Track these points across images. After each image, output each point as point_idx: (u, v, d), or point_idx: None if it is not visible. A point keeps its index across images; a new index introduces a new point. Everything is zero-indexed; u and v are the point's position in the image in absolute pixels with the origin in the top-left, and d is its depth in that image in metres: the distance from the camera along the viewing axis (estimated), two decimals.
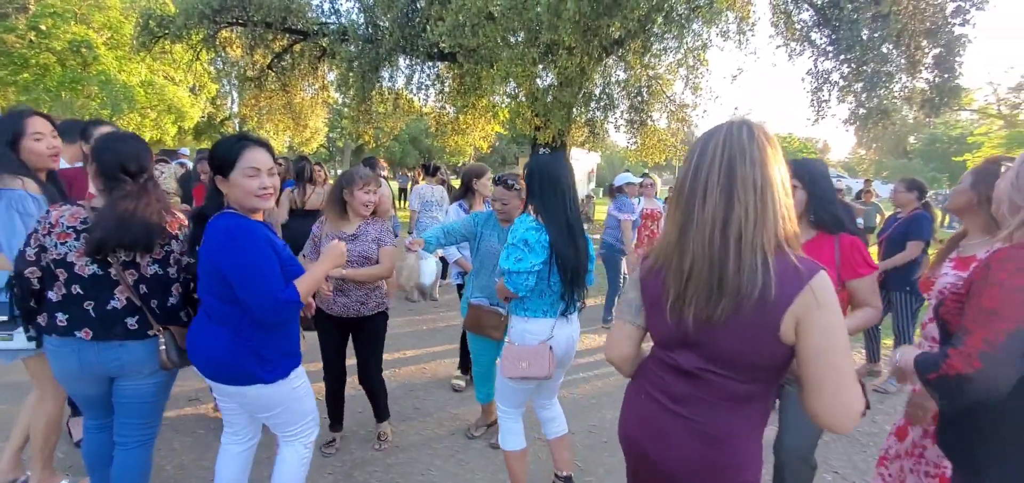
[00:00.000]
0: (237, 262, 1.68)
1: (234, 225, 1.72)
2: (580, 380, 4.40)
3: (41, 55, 18.13)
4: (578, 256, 2.25)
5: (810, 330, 1.07)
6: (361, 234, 2.81)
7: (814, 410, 1.10)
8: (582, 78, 8.90)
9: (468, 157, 22.17)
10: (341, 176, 2.86)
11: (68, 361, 1.88)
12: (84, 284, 1.84)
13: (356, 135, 14.02)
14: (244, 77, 14.83)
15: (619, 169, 36.02)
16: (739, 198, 1.09)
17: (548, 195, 2.21)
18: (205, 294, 1.82)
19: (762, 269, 1.08)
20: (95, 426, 2.11)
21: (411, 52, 11.20)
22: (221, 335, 1.78)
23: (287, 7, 11.72)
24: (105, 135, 2.01)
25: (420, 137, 32.41)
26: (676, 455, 1.23)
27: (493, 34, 8.77)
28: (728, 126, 1.17)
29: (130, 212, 1.80)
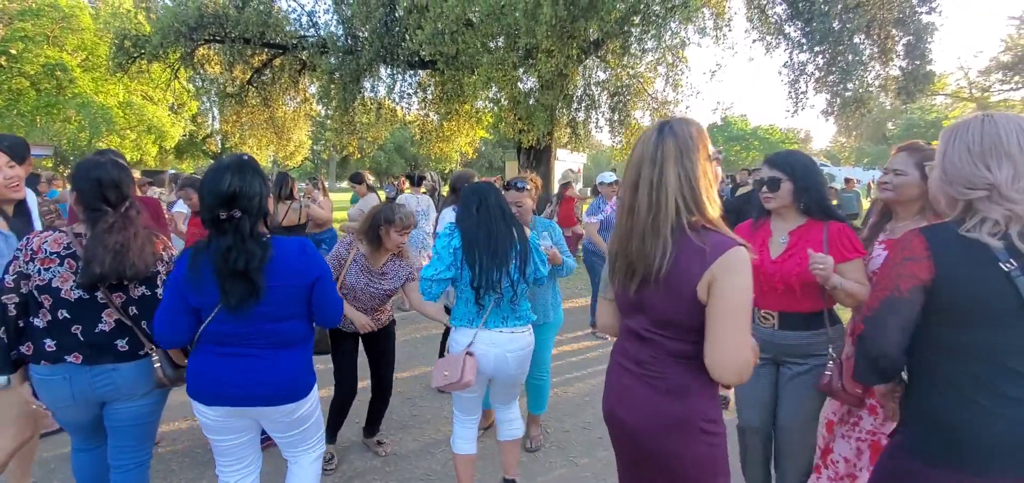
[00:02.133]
0: (326, 272, 1.83)
1: (306, 241, 1.87)
2: (574, 379, 4.46)
3: (13, 80, 17.84)
4: (495, 249, 2.22)
5: (715, 293, 1.27)
6: (389, 272, 2.93)
7: (709, 362, 1.31)
8: (562, 80, 8.99)
9: (454, 164, 22.19)
10: (384, 209, 2.87)
11: (59, 389, 1.86)
12: (71, 308, 1.84)
13: (340, 146, 13.98)
14: (224, 93, 14.70)
15: (603, 167, 36.36)
16: (642, 192, 1.34)
17: (465, 205, 2.34)
18: (279, 324, 1.76)
19: (672, 246, 1.30)
20: (86, 447, 2.09)
21: (391, 61, 11.20)
22: (293, 356, 1.82)
23: (264, 22, 11.66)
24: (83, 161, 1.96)
25: (405, 145, 32.36)
26: (642, 412, 1.41)
27: (472, 40, 8.82)
28: (648, 131, 1.41)
29: (122, 245, 1.80)
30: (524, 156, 11.24)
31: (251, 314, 1.69)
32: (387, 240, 2.83)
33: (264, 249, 1.68)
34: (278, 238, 1.77)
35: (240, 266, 1.62)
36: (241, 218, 1.65)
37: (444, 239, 2.28)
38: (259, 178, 1.73)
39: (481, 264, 2.21)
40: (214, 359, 1.75)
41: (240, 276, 1.63)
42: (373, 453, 3.23)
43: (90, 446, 2.08)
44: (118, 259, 1.79)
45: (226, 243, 1.64)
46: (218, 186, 1.66)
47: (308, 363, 1.88)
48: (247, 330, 1.72)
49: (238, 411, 1.79)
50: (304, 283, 1.76)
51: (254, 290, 1.65)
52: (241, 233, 1.65)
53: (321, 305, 1.83)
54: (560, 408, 3.88)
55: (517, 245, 2.28)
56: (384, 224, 2.81)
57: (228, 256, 1.63)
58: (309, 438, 1.99)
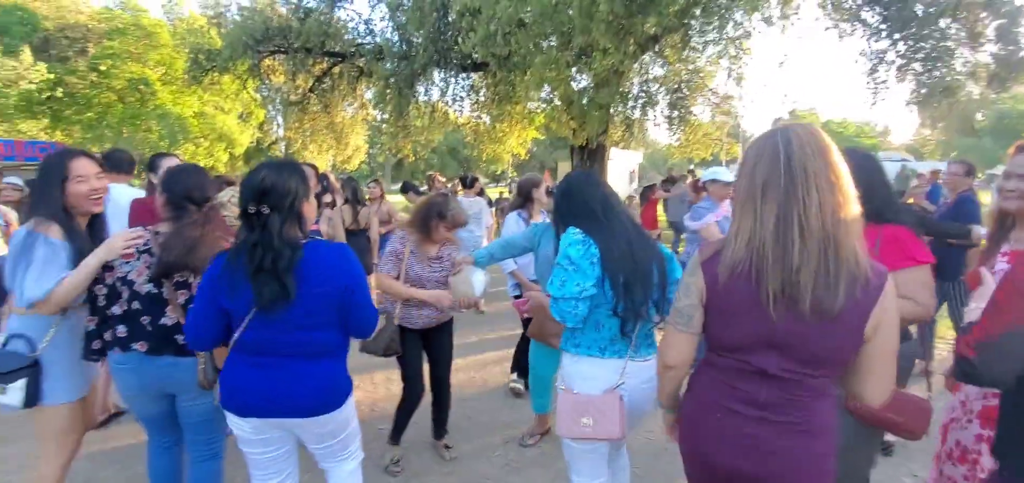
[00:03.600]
0: (359, 280, 1.74)
1: (345, 247, 1.78)
2: None
3: (103, 94, 19.46)
4: (641, 270, 1.79)
5: (883, 329, 1.19)
6: (444, 255, 2.94)
7: (860, 390, 1.26)
8: (618, 78, 8.76)
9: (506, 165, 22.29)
10: (439, 201, 2.90)
11: (129, 377, 1.98)
12: (142, 300, 1.94)
13: (396, 150, 14.32)
14: (288, 101, 15.42)
15: (662, 167, 35.20)
16: (839, 188, 1.16)
17: (576, 209, 1.90)
18: (313, 332, 1.69)
19: (856, 267, 1.17)
20: (159, 446, 2.18)
21: (444, 65, 11.35)
22: (327, 367, 1.75)
23: (325, 31, 12.10)
24: (173, 168, 2.12)
25: (458, 148, 32.87)
26: (785, 463, 1.26)
27: (525, 41, 8.76)
28: (797, 125, 1.24)
29: (196, 238, 1.90)
30: (577, 156, 11.07)
31: (283, 322, 1.63)
32: (435, 232, 2.84)
33: (293, 250, 1.61)
34: (315, 242, 1.71)
35: (266, 264, 1.57)
36: (270, 215, 1.60)
37: (578, 246, 1.76)
38: (297, 178, 1.68)
39: (629, 285, 1.77)
40: (246, 370, 1.69)
41: (269, 275, 1.58)
42: (438, 456, 3.20)
43: (163, 445, 2.17)
44: (190, 251, 1.88)
45: (253, 239, 1.60)
46: (252, 179, 1.65)
47: (343, 373, 1.82)
48: (280, 338, 1.66)
49: (272, 423, 1.74)
50: (338, 291, 1.68)
51: (284, 292, 1.58)
52: (269, 231, 1.59)
53: (355, 314, 1.74)
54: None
55: (656, 264, 1.87)
56: (436, 218, 2.83)
57: (254, 253, 1.58)
58: (348, 446, 1.94)
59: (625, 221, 1.89)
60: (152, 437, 2.17)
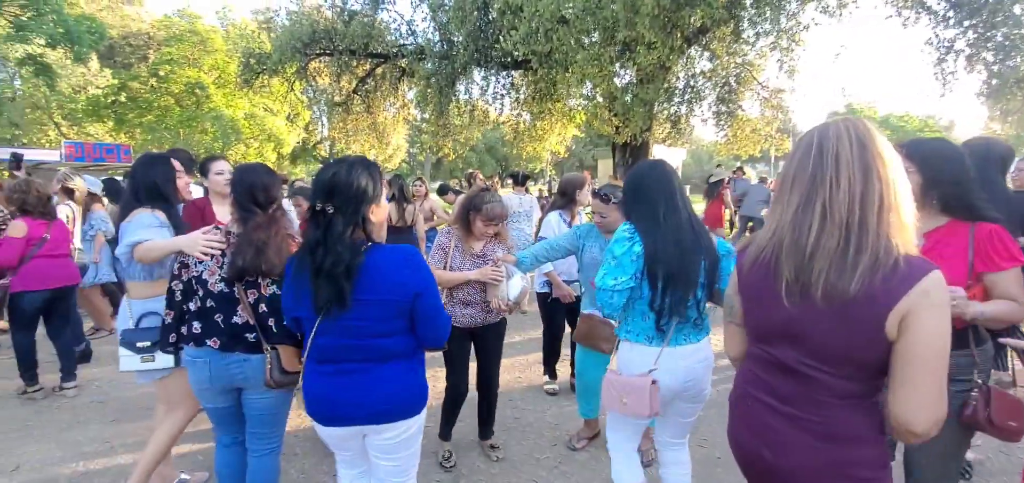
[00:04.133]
0: (429, 287, 1.66)
1: (412, 251, 1.68)
2: None
3: (162, 98, 20.52)
4: (684, 266, 1.88)
5: (912, 331, 1.05)
6: (488, 254, 2.94)
7: (898, 410, 1.09)
8: (663, 73, 8.54)
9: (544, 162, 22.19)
10: (475, 196, 2.92)
11: (201, 370, 2.05)
12: (215, 299, 2.01)
13: (437, 149, 14.48)
14: (332, 102, 15.83)
15: (707, 165, 34.18)
16: (878, 176, 1.10)
17: (640, 205, 1.97)
18: (379, 339, 1.64)
19: (884, 255, 1.07)
20: (226, 442, 2.26)
21: (485, 64, 11.36)
22: (397, 370, 1.68)
23: (368, 34, 12.34)
24: (240, 167, 2.20)
25: (496, 146, 32.98)
26: (795, 457, 1.22)
27: (566, 37, 8.67)
28: (845, 119, 1.19)
29: (263, 241, 1.93)
30: (619, 153, 10.87)
31: (344, 327, 1.59)
32: (474, 226, 2.85)
33: (353, 254, 1.55)
34: (381, 247, 1.64)
35: (326, 266, 1.53)
36: (335, 215, 1.56)
37: (623, 244, 1.92)
38: (366, 177, 1.61)
39: (665, 284, 1.88)
40: (319, 379, 1.69)
41: (327, 278, 1.54)
42: (486, 456, 3.20)
43: (230, 441, 2.25)
44: (259, 255, 1.92)
45: (315, 237, 1.57)
46: (321, 176, 1.64)
47: (410, 380, 1.73)
48: (344, 343, 1.62)
49: (353, 431, 1.71)
50: (404, 298, 1.60)
51: (340, 296, 1.54)
52: (332, 231, 1.55)
53: (423, 322, 1.67)
54: None
55: (705, 262, 1.95)
56: (472, 212, 2.84)
57: (316, 253, 1.55)
58: (414, 462, 1.85)
59: (682, 219, 1.94)
60: (219, 433, 2.25)
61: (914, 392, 1.06)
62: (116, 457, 3.18)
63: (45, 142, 20.36)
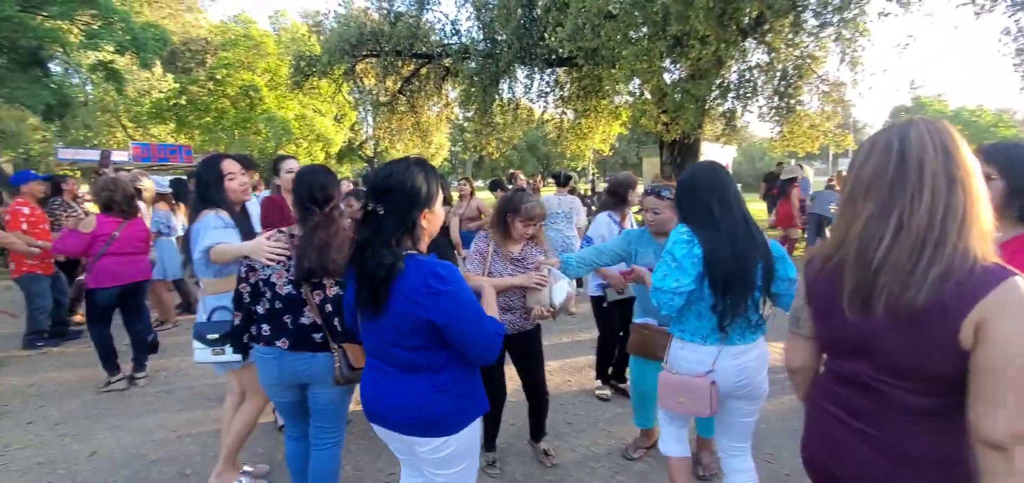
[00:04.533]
0: (450, 318, 1.51)
1: (446, 276, 1.52)
2: None
3: (218, 101, 21.48)
4: (742, 267, 1.88)
5: (989, 340, 0.98)
6: (528, 257, 2.85)
7: (978, 424, 1.00)
8: (717, 68, 8.22)
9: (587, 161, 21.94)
10: (511, 197, 2.85)
11: (270, 367, 2.11)
12: (283, 301, 2.06)
13: (480, 148, 14.54)
14: (377, 103, 16.14)
15: (759, 163, 32.84)
16: (962, 188, 1.03)
17: (695, 208, 1.97)
18: (401, 349, 1.56)
19: (958, 264, 1.01)
20: (294, 435, 2.34)
21: (529, 61, 11.30)
22: (425, 382, 1.57)
23: (413, 34, 12.50)
24: (302, 168, 2.25)
25: (537, 144, 32.86)
26: (865, 476, 1.17)
27: (614, 33, 8.48)
28: (922, 119, 1.12)
29: (325, 242, 1.97)
30: (667, 151, 10.57)
31: (381, 330, 1.55)
32: (512, 229, 2.76)
33: (394, 261, 1.47)
34: (416, 260, 1.52)
35: (368, 268, 1.49)
36: (384, 217, 1.50)
37: (683, 246, 1.91)
38: (422, 179, 1.54)
39: (725, 286, 1.87)
40: (367, 373, 1.68)
41: (367, 280, 1.50)
42: (538, 461, 3.13)
43: (298, 434, 2.33)
44: (322, 255, 1.95)
45: (364, 238, 1.52)
46: (377, 175, 1.59)
47: (450, 394, 1.58)
48: (384, 347, 1.58)
49: (390, 434, 1.66)
50: (417, 320, 1.49)
51: (375, 300, 1.50)
52: (380, 234, 1.49)
53: (456, 343, 1.54)
54: None
55: (761, 260, 1.94)
56: (510, 213, 2.75)
57: (362, 254, 1.51)
58: (465, 479, 1.72)
59: (737, 220, 1.94)
60: (288, 426, 2.33)
61: (993, 404, 0.98)
62: (183, 445, 3.30)
63: (114, 143, 21.70)
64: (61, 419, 3.64)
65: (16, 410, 3.78)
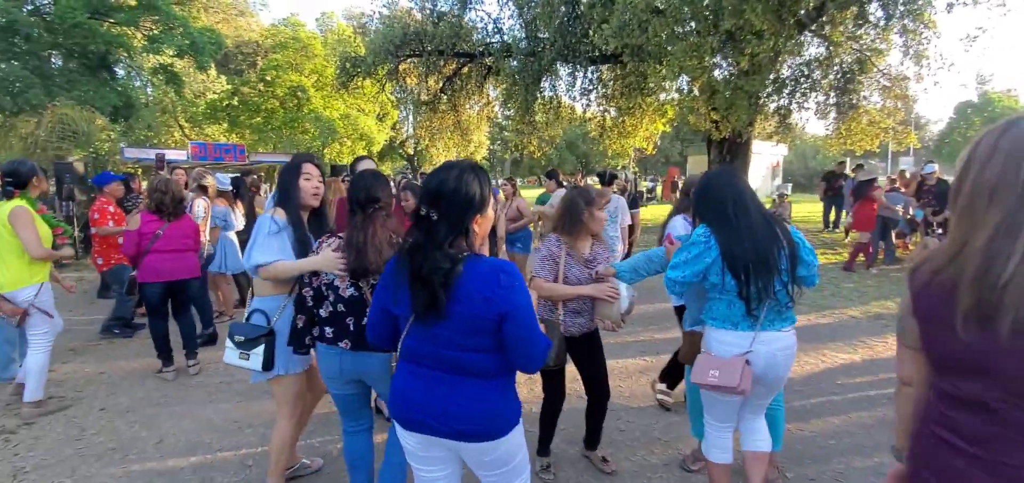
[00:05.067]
0: (517, 307, 1.49)
1: (507, 266, 1.55)
2: (819, 409, 3.75)
3: (268, 101, 22.27)
4: (761, 257, 2.05)
5: None
6: (598, 257, 2.82)
7: None
8: (771, 63, 7.91)
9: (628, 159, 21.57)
10: (581, 191, 2.80)
11: (332, 363, 2.18)
12: (345, 303, 2.11)
13: (521, 147, 14.53)
14: (419, 102, 16.38)
15: (809, 159, 31.37)
16: None
17: (711, 209, 2.16)
18: (460, 351, 1.53)
19: None
20: (352, 430, 2.38)
21: (572, 59, 11.20)
22: (483, 386, 1.55)
23: (456, 33, 12.60)
24: (359, 173, 2.30)
25: (576, 142, 32.63)
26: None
27: (661, 28, 8.28)
28: None
29: (360, 241, 2.02)
30: (715, 150, 10.27)
31: (438, 336, 1.52)
32: (592, 222, 2.72)
33: (453, 264, 1.47)
34: (478, 259, 1.52)
35: (423, 271, 1.47)
36: (438, 221, 1.50)
37: (699, 246, 2.13)
38: (476, 185, 1.54)
39: (749, 276, 2.05)
40: (408, 379, 1.61)
41: (424, 285, 1.48)
42: (596, 469, 3.05)
43: (354, 428, 2.38)
44: (360, 256, 2.01)
45: (416, 241, 1.52)
46: (429, 181, 1.57)
47: (503, 399, 1.59)
48: (435, 351, 1.54)
49: (431, 440, 1.60)
50: (488, 315, 1.48)
51: (435, 304, 1.47)
52: (433, 237, 1.49)
53: (513, 345, 1.51)
54: (799, 447, 3.27)
55: (785, 248, 2.10)
56: (587, 206, 2.70)
57: (415, 257, 1.50)
58: (515, 479, 1.71)
59: (754, 219, 2.09)
60: (345, 420, 2.37)
61: None
62: (243, 436, 3.39)
63: (172, 142, 22.84)
64: (130, 407, 3.81)
65: (90, 396, 3.98)
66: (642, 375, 4.42)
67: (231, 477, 2.95)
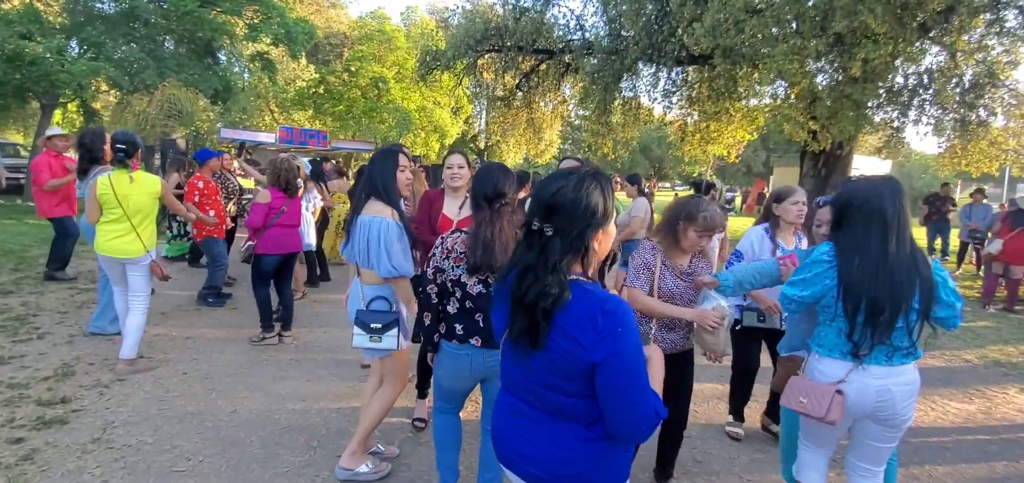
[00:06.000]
0: (613, 355, 1.21)
1: (617, 310, 1.23)
2: (919, 458, 3.24)
3: (351, 91, 23.25)
4: (892, 295, 1.79)
5: None
6: (696, 269, 2.61)
7: None
8: (888, 70, 7.11)
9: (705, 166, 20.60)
10: (688, 202, 2.56)
11: (461, 362, 2.17)
12: (474, 300, 2.09)
13: (596, 148, 14.18)
14: (494, 97, 16.43)
15: (915, 179, 28.41)
16: None
17: (848, 228, 1.90)
18: (553, 392, 1.30)
19: None
20: (446, 409, 2.41)
21: (657, 59, 10.73)
22: (574, 433, 1.30)
23: (537, 29, 12.45)
24: (482, 165, 2.33)
25: (651, 146, 31.64)
26: None
27: (759, 29, 7.68)
28: None
29: (488, 237, 1.99)
30: (809, 162, 9.45)
31: (530, 367, 1.31)
32: (683, 239, 2.49)
33: (561, 290, 1.22)
34: (581, 288, 1.27)
35: (528, 296, 1.24)
36: (552, 237, 1.24)
37: (821, 265, 1.94)
38: (598, 195, 1.27)
39: (868, 314, 1.81)
40: (500, 411, 1.45)
41: (525, 309, 1.26)
42: None
43: (450, 409, 2.41)
44: (487, 252, 1.98)
45: (526, 262, 1.28)
46: (543, 189, 1.31)
47: (602, 455, 1.29)
48: (527, 382, 1.34)
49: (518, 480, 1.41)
50: (577, 360, 1.22)
51: (533, 334, 1.25)
52: (546, 257, 1.24)
53: (605, 401, 1.23)
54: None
55: (920, 289, 1.82)
56: (684, 221, 2.47)
57: (522, 279, 1.27)
58: None
59: (892, 245, 1.82)
60: (441, 402, 2.39)
61: None
62: (309, 416, 3.41)
63: (263, 125, 24.42)
64: (209, 373, 3.96)
65: (174, 360, 4.19)
66: (720, 401, 4.05)
67: (296, 456, 2.95)
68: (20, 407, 3.24)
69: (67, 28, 13.97)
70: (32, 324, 4.69)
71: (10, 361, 3.89)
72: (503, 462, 1.43)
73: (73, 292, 5.81)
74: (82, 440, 2.95)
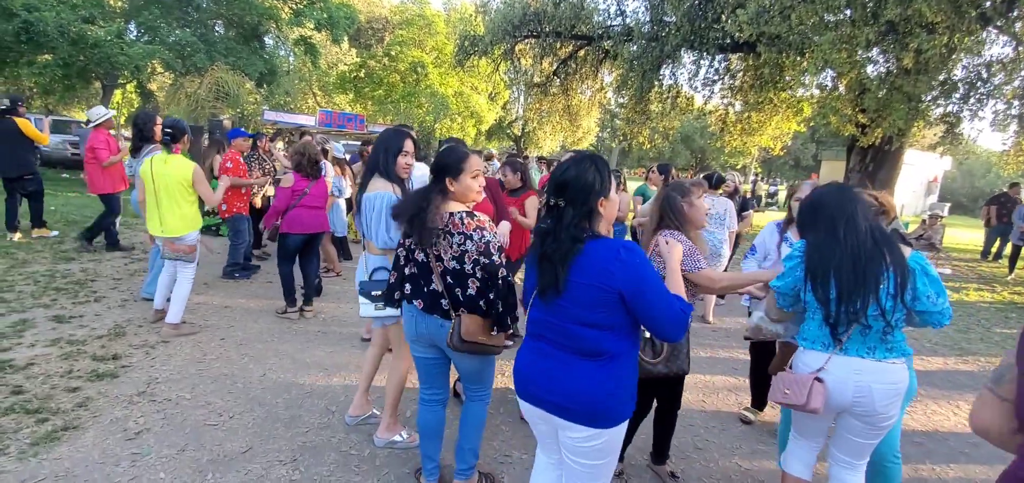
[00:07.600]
0: (637, 286, 1.59)
1: (633, 247, 1.63)
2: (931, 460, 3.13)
3: (390, 75, 23.59)
4: (855, 273, 1.88)
5: None
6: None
7: None
8: (945, 62, 6.68)
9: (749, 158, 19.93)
10: (671, 188, 2.62)
11: (409, 324, 2.31)
12: (418, 266, 2.24)
13: (632, 136, 13.92)
14: (531, 83, 16.31)
15: (977, 178, 26.54)
16: None
17: (814, 226, 2.03)
18: (581, 326, 1.63)
19: None
20: (427, 399, 2.48)
21: (699, 46, 10.41)
22: (595, 369, 1.64)
23: (577, 14, 12.27)
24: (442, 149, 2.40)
25: (693, 136, 30.78)
26: None
27: (807, 16, 7.35)
28: None
29: (418, 210, 2.11)
30: (856, 157, 9.01)
31: (557, 310, 1.67)
32: (692, 211, 2.57)
33: (574, 243, 1.63)
34: (600, 238, 1.67)
35: (549, 252, 1.64)
36: (565, 208, 1.65)
37: (793, 259, 2.09)
38: (594, 172, 1.68)
39: (838, 298, 1.91)
40: (525, 353, 1.79)
41: (549, 263, 1.65)
42: (670, 481, 2.82)
43: (429, 398, 2.48)
44: (411, 223, 2.12)
45: (547, 227, 1.68)
46: (556, 173, 1.73)
47: (617, 386, 1.65)
48: (554, 322, 1.68)
49: (539, 413, 1.75)
50: (607, 286, 1.59)
51: (555, 280, 1.63)
52: (562, 222, 1.65)
53: (644, 317, 1.62)
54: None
55: (891, 271, 1.89)
56: (684, 197, 2.56)
57: (545, 240, 1.67)
58: (598, 479, 1.76)
59: (862, 236, 1.92)
60: (422, 388, 2.47)
61: None
62: (331, 384, 3.58)
63: (305, 108, 25.14)
64: (244, 340, 4.19)
65: (213, 326, 4.44)
66: (727, 393, 4.01)
67: (316, 418, 3.14)
68: (78, 361, 3.53)
69: (126, 12, 14.74)
70: (90, 288, 5.05)
71: (70, 320, 4.21)
72: (524, 397, 1.77)
73: (127, 261, 6.21)
74: (129, 392, 3.20)
